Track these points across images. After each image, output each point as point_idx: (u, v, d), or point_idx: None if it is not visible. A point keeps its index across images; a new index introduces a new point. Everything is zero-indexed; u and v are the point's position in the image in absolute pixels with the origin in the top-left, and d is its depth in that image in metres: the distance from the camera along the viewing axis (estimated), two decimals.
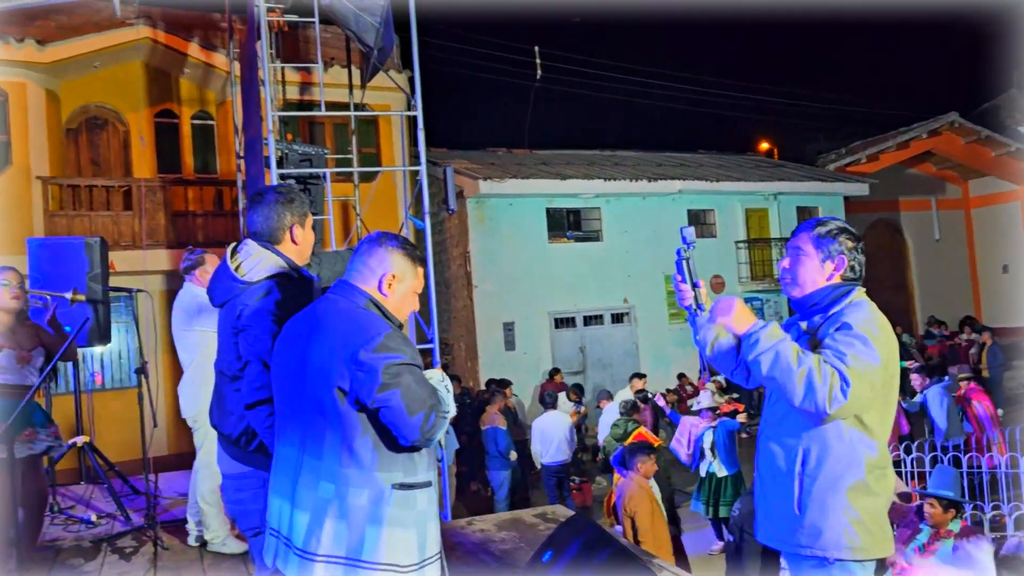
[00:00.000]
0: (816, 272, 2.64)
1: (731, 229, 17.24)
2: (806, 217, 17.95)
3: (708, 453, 7.99)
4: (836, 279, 2.63)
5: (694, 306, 2.79)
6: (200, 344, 4.47)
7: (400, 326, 2.48)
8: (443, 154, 16.88)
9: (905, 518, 4.63)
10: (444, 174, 8.50)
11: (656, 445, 7.97)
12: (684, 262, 2.80)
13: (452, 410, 2.41)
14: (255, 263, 2.84)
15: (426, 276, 2.81)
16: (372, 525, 2.25)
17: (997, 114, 21.34)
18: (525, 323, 14.89)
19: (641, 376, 11.86)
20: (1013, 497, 7.45)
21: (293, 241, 2.94)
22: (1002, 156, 20.17)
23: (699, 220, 17.03)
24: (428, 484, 2.38)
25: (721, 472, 7.93)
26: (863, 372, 2.41)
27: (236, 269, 2.84)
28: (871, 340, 2.46)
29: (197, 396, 4.43)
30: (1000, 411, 15.25)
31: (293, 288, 2.83)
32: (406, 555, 2.28)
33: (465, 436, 10.47)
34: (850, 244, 2.64)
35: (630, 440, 8.34)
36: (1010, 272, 21.19)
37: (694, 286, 2.79)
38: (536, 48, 20.10)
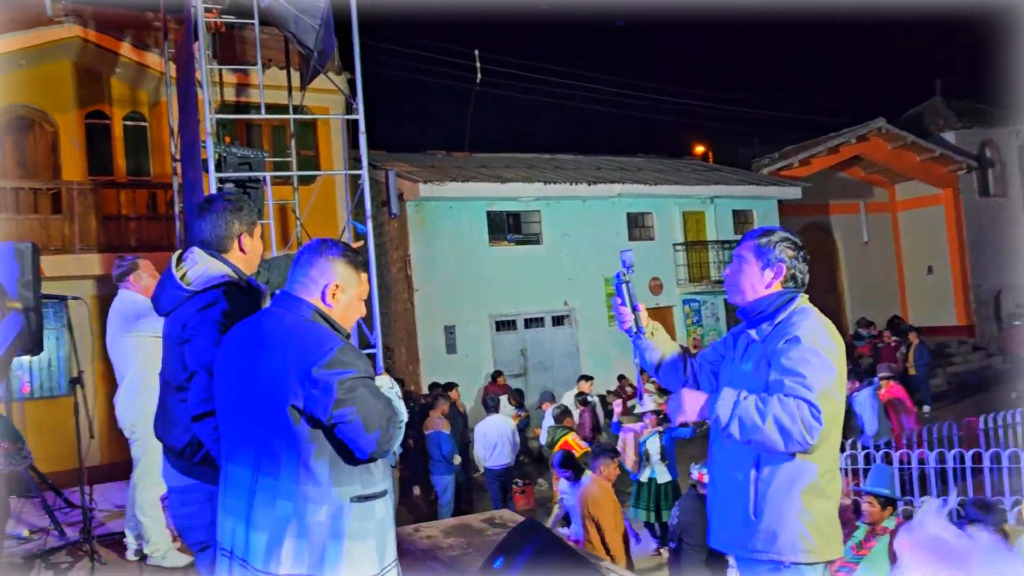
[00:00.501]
0: (756, 280, 2.70)
1: (669, 232, 17.53)
2: (742, 220, 18.54)
3: (655, 458, 8.07)
4: (776, 287, 2.69)
5: (634, 328, 2.85)
6: (136, 352, 4.37)
7: (348, 336, 2.46)
8: (382, 156, 16.75)
9: (842, 516, 4.78)
10: (386, 178, 8.48)
11: (580, 453, 8.04)
12: (624, 285, 2.85)
13: (405, 417, 2.39)
14: (201, 272, 2.80)
15: (369, 281, 2.81)
16: (333, 540, 2.24)
17: (921, 120, 22.17)
18: (466, 326, 14.88)
19: (588, 379, 11.95)
20: (941, 492, 7.74)
21: (241, 250, 2.91)
22: (926, 161, 20.96)
23: (638, 223, 17.27)
24: (385, 493, 2.37)
25: (664, 478, 8.03)
26: (826, 390, 2.44)
27: (182, 278, 2.80)
28: (822, 351, 2.50)
29: (135, 405, 4.33)
30: (927, 409, 15.88)
31: (240, 298, 2.80)
32: (368, 566, 2.28)
33: (410, 440, 10.41)
34: (790, 252, 2.70)
35: (557, 448, 8.42)
36: (935, 273, 22.04)
37: (634, 309, 2.84)
38: (476, 52, 20.11)
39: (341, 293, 2.40)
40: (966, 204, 21.42)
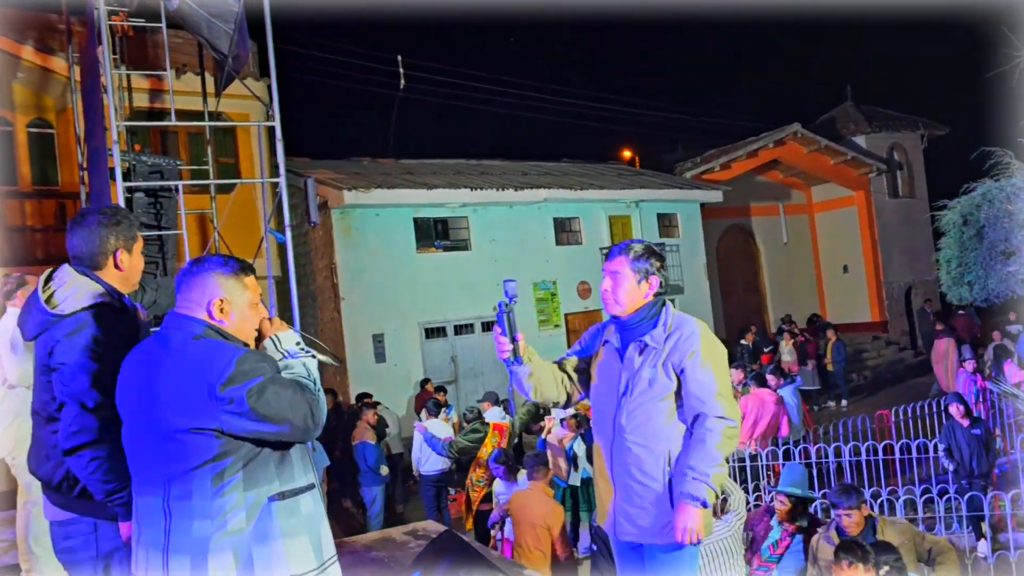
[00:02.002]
0: (635, 292, 2.99)
1: (595, 236, 17.69)
2: (666, 223, 18.86)
3: (583, 460, 8.12)
4: (651, 296, 3.00)
5: (511, 358, 2.99)
6: (11, 375, 4.16)
7: (246, 346, 2.39)
8: (306, 164, 16.46)
9: (757, 516, 4.86)
10: (305, 185, 8.30)
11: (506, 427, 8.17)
12: (505, 315, 2.95)
13: (317, 379, 2.39)
14: (69, 292, 2.62)
15: (289, 290, 2.76)
16: (258, 544, 2.20)
17: (834, 125, 22.95)
18: (395, 334, 14.72)
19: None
20: (857, 484, 7.98)
21: (117, 267, 2.74)
22: (839, 164, 21.68)
23: (565, 227, 17.38)
24: (311, 487, 2.35)
25: (577, 479, 8.12)
26: (726, 382, 2.92)
27: (47, 300, 2.61)
28: (713, 349, 2.94)
29: (10, 431, 4.12)
30: (844, 402, 16.41)
31: (112, 320, 2.63)
32: (303, 562, 2.25)
33: (338, 452, 10.22)
34: (659, 264, 3.03)
35: (491, 434, 8.40)
36: (850, 272, 22.82)
37: (513, 339, 2.97)
38: (399, 56, 19.96)
39: (228, 305, 2.36)
40: (877, 205, 22.24)
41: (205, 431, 2.18)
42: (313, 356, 2.46)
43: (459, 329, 15.65)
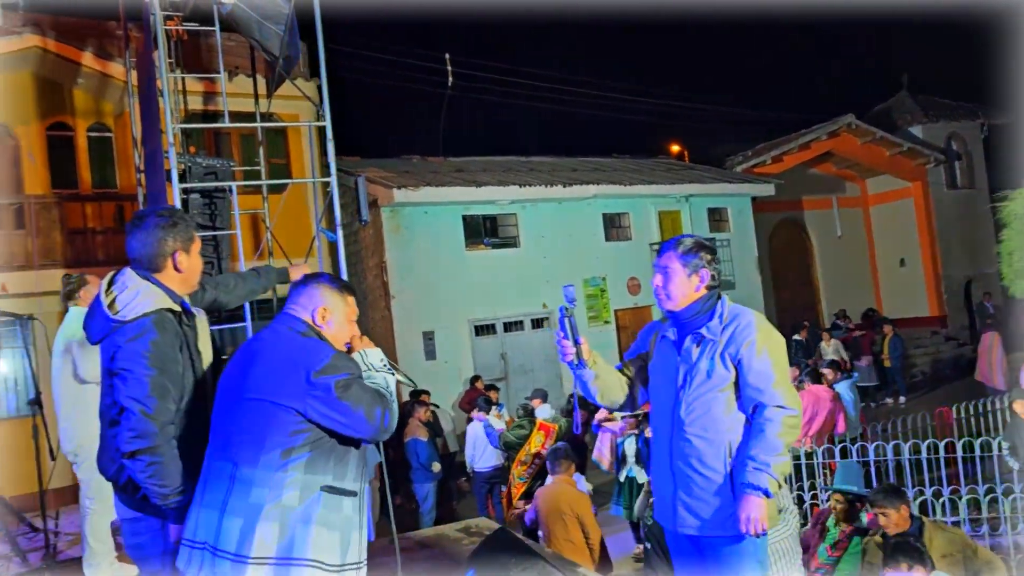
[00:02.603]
0: (686, 286, 3.02)
1: (645, 232, 17.54)
2: (717, 218, 18.61)
3: (631, 460, 8.06)
4: (703, 291, 3.01)
5: (575, 361, 3.05)
6: (73, 378, 4.26)
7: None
8: (356, 163, 16.62)
9: (814, 516, 4.75)
10: (356, 184, 8.37)
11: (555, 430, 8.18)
12: (566, 320, 3.04)
13: (394, 392, 2.66)
14: (131, 298, 2.66)
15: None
16: (302, 525, 2.41)
17: (890, 115, 22.39)
18: (445, 332, 14.79)
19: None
20: (917, 483, 7.77)
21: (176, 269, 2.77)
22: (895, 155, 21.15)
23: (614, 223, 17.27)
24: (354, 494, 2.54)
25: (642, 478, 8.00)
26: (785, 371, 2.92)
27: (110, 305, 2.66)
28: (771, 339, 2.95)
29: (74, 429, 4.23)
30: (903, 399, 16.01)
31: (172, 325, 2.68)
32: (330, 554, 2.43)
33: (391, 450, 10.30)
34: (709, 257, 3.05)
35: (536, 432, 8.42)
36: (907, 265, 22.26)
37: (575, 343, 3.04)
38: (447, 55, 20.04)
39: (330, 315, 2.66)
40: (935, 196, 21.65)
41: (290, 409, 2.43)
42: (393, 373, 2.75)
43: (509, 326, 15.66)
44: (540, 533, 6.44)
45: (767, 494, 2.78)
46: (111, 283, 2.72)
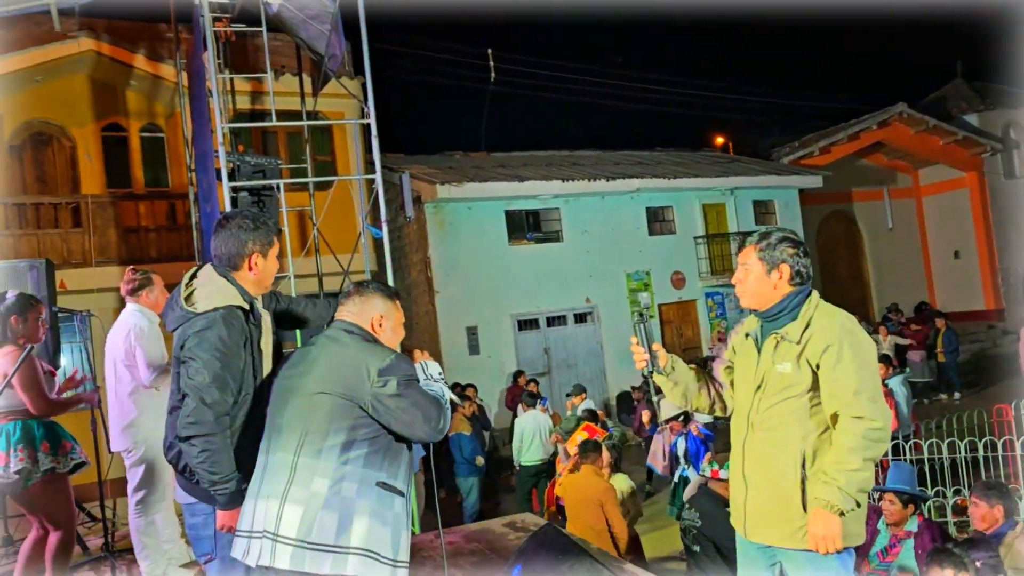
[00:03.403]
0: (764, 283, 2.84)
1: (689, 225, 17.37)
2: (763, 211, 18.34)
3: (682, 460, 8.03)
4: (786, 286, 2.82)
5: (647, 369, 2.97)
6: (130, 371, 4.37)
7: None
8: (399, 159, 16.74)
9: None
10: (400, 181, 8.43)
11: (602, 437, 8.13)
12: (641, 326, 2.97)
13: (449, 399, 2.78)
14: (207, 293, 2.83)
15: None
16: (359, 516, 2.49)
17: (943, 104, 21.80)
18: (488, 327, 14.83)
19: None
20: (973, 481, 7.58)
21: (250, 269, 2.91)
22: (949, 144, 20.61)
23: (658, 217, 17.13)
24: (403, 495, 2.63)
25: (694, 476, 7.96)
26: (869, 379, 2.70)
27: (187, 298, 2.84)
28: (855, 344, 2.72)
29: (127, 435, 4.36)
30: (957, 395, 15.60)
31: (238, 323, 2.82)
32: (385, 548, 2.52)
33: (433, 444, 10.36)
34: (791, 251, 2.82)
35: (579, 432, 8.43)
36: (961, 257, 21.68)
37: (649, 350, 2.96)
38: (490, 51, 20.05)
39: (386, 321, 2.80)
40: (991, 186, 21.04)
41: (354, 404, 2.54)
42: (444, 382, 2.86)
43: (552, 321, 15.66)
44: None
45: (840, 512, 2.60)
46: (193, 276, 2.90)
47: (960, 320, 18.89)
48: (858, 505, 2.64)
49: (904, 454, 7.88)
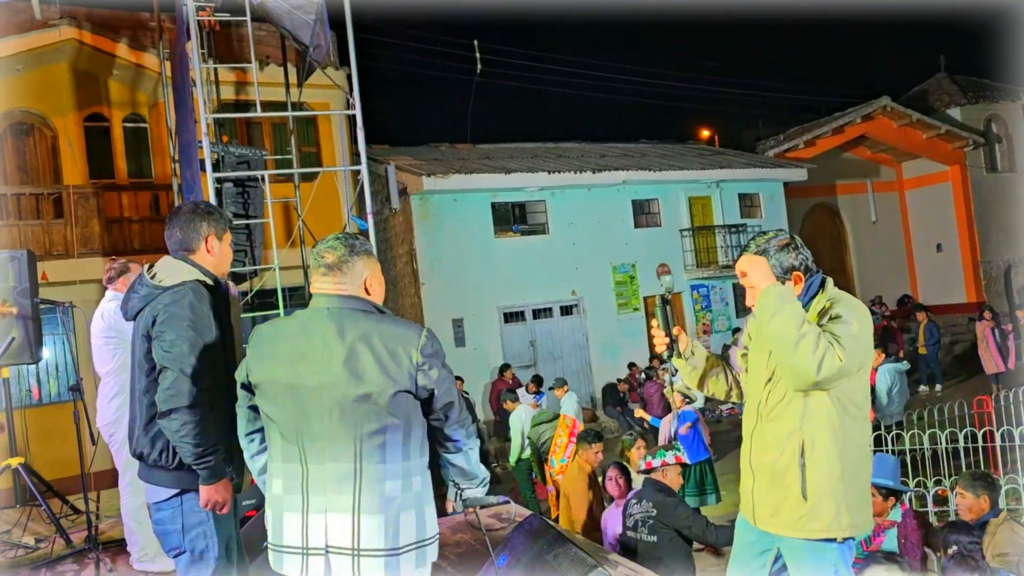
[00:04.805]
0: (769, 281, 2.78)
1: (675, 218, 17.43)
2: (748, 203, 18.42)
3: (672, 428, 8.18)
4: (800, 285, 2.79)
5: (666, 355, 2.98)
6: (115, 354, 4.37)
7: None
8: (385, 151, 16.69)
9: None
10: (386, 172, 8.41)
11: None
12: (664, 309, 2.96)
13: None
14: (171, 272, 2.89)
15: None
16: (428, 505, 2.44)
17: (926, 98, 21.94)
18: (474, 319, 14.84)
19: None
20: (953, 472, 7.66)
21: (208, 251, 2.98)
22: (932, 138, 20.76)
23: (643, 210, 17.18)
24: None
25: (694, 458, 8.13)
26: (857, 335, 2.65)
27: (152, 277, 2.90)
28: (856, 315, 2.70)
29: (111, 408, 4.36)
30: (939, 387, 15.77)
31: (208, 295, 2.88)
32: (433, 528, 2.46)
33: None
34: (793, 253, 2.80)
35: (561, 422, 8.51)
36: (944, 250, 21.87)
37: (668, 335, 2.96)
38: (475, 42, 19.99)
39: (374, 281, 2.50)
40: (974, 180, 21.23)
41: (405, 393, 2.36)
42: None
43: (537, 313, 15.68)
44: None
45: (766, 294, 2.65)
46: (151, 265, 2.97)
47: (942, 313, 19.07)
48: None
49: (885, 444, 7.96)
